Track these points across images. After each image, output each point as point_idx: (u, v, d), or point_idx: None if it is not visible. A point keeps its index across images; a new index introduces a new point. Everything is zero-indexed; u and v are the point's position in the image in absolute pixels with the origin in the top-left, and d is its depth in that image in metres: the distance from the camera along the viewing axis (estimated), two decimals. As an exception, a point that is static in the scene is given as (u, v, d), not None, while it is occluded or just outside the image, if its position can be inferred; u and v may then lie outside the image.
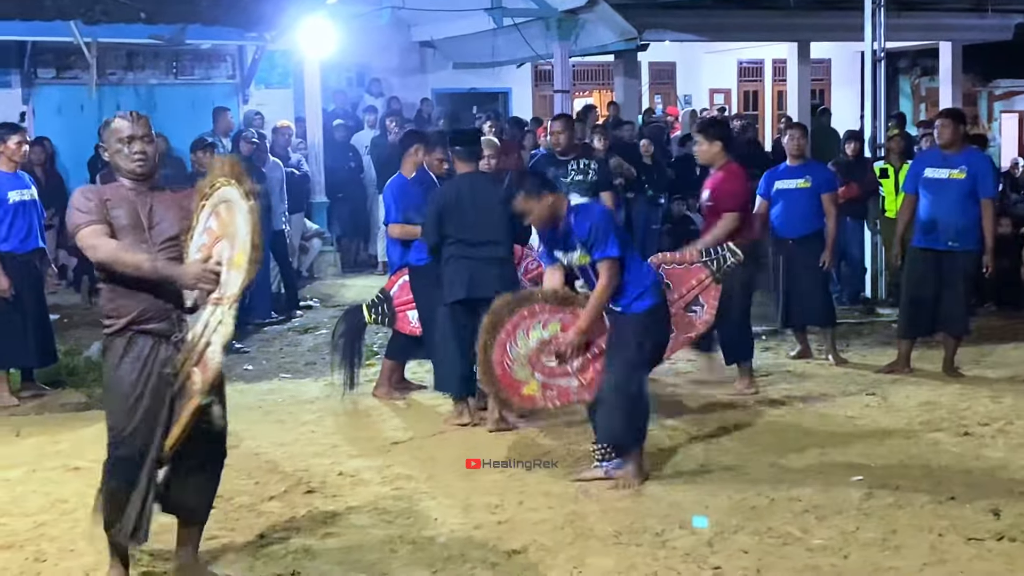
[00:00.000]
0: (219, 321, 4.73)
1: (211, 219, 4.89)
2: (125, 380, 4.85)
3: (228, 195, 4.81)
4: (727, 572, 5.21)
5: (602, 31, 16.21)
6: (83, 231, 4.82)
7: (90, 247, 4.81)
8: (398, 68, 19.36)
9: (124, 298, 4.85)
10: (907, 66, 22.88)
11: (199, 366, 4.76)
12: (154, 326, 4.85)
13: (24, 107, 14.37)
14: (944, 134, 8.83)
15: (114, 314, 4.88)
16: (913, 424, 7.65)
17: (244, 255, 4.68)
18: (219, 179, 4.85)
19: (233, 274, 4.72)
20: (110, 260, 4.79)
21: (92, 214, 4.82)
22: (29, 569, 5.43)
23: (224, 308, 4.72)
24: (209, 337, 4.74)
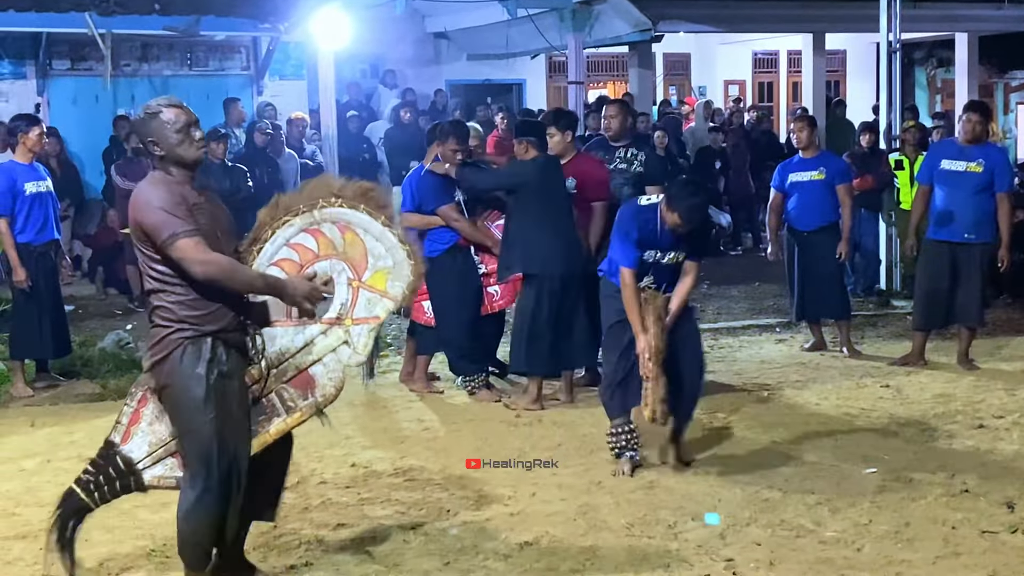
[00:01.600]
0: (341, 341, 4.73)
1: (304, 236, 4.83)
2: (218, 400, 4.53)
3: (348, 217, 4.80)
4: (740, 564, 5.20)
5: (616, 22, 16.18)
6: (183, 242, 4.40)
7: (194, 261, 4.40)
8: (412, 59, 19.34)
9: (209, 307, 4.53)
10: (923, 57, 22.79)
11: (294, 383, 4.74)
12: (233, 336, 4.62)
13: (39, 98, 14.40)
14: (975, 129, 8.75)
15: (194, 322, 4.52)
16: (927, 416, 7.62)
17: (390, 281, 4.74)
18: (330, 199, 4.81)
19: (367, 296, 4.74)
20: (221, 278, 4.47)
21: (188, 221, 4.44)
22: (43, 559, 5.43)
23: (344, 330, 4.72)
24: (320, 356, 4.73)
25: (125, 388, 8.64)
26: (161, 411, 4.70)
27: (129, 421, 4.82)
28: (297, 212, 4.85)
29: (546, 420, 7.65)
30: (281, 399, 4.78)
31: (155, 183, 4.56)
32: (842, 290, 9.74)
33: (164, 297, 4.53)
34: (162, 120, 4.59)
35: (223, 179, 10.51)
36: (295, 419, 4.81)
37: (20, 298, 8.74)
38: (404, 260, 4.83)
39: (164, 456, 4.79)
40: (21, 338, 8.80)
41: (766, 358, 9.41)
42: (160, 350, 4.54)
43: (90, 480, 4.86)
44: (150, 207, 4.46)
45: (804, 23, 17.92)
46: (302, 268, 4.80)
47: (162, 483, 4.83)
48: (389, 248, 4.83)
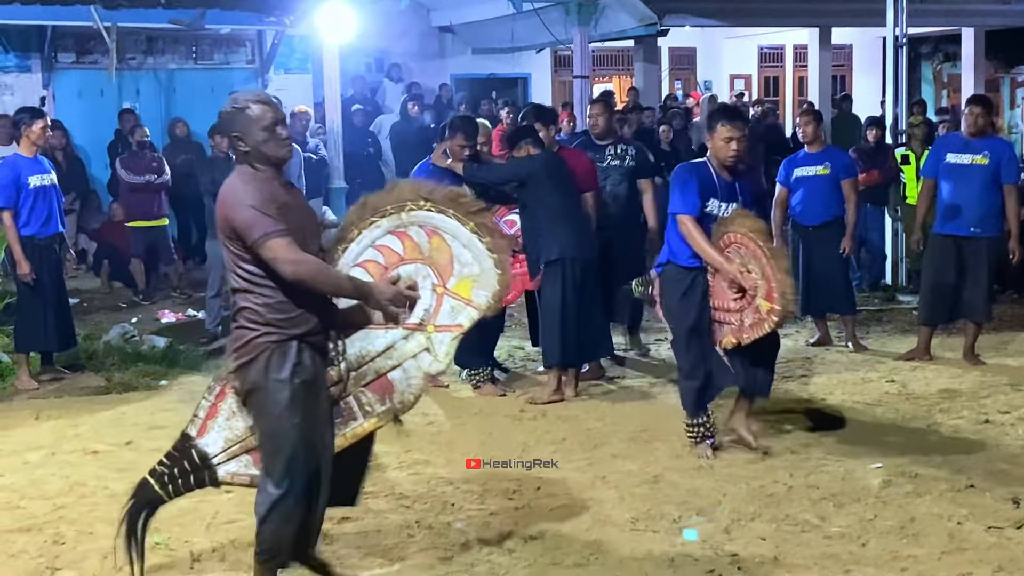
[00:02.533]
0: (422, 348, 4.65)
1: (390, 238, 4.75)
2: (302, 405, 4.42)
3: (436, 222, 4.72)
4: (744, 559, 5.20)
5: (622, 16, 16.15)
6: (275, 242, 4.29)
7: (285, 261, 4.29)
8: (417, 53, 19.33)
9: (295, 309, 4.41)
10: (929, 52, 22.75)
11: (373, 387, 4.67)
12: (317, 339, 4.50)
13: (44, 91, 14.39)
14: (977, 122, 8.74)
15: (281, 324, 4.40)
16: (933, 412, 7.61)
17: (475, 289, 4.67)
18: (418, 201, 4.74)
19: (450, 303, 4.67)
20: (311, 279, 4.35)
21: (279, 221, 4.32)
22: (47, 552, 5.45)
23: (425, 336, 4.64)
24: (400, 361, 4.66)
25: (130, 381, 8.72)
26: (239, 406, 4.62)
27: (206, 415, 4.73)
28: (384, 213, 4.76)
29: (550, 414, 7.64)
30: (359, 403, 4.69)
31: (244, 180, 4.43)
32: (847, 285, 9.72)
33: (251, 298, 4.41)
34: (249, 116, 4.45)
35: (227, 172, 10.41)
36: (371, 424, 4.73)
37: (25, 291, 8.74)
38: (491, 269, 4.73)
39: (240, 452, 4.72)
40: (26, 331, 8.81)
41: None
42: (246, 353, 4.43)
43: (165, 472, 4.80)
44: (241, 205, 4.33)
45: (810, 17, 17.88)
46: (386, 271, 4.71)
47: (236, 480, 4.77)
48: (476, 255, 4.74)
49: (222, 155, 10.59)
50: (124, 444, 7.24)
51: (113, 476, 6.56)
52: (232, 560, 5.29)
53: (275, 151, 4.46)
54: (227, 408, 4.70)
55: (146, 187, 12.44)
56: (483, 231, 4.77)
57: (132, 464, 6.79)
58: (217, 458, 4.74)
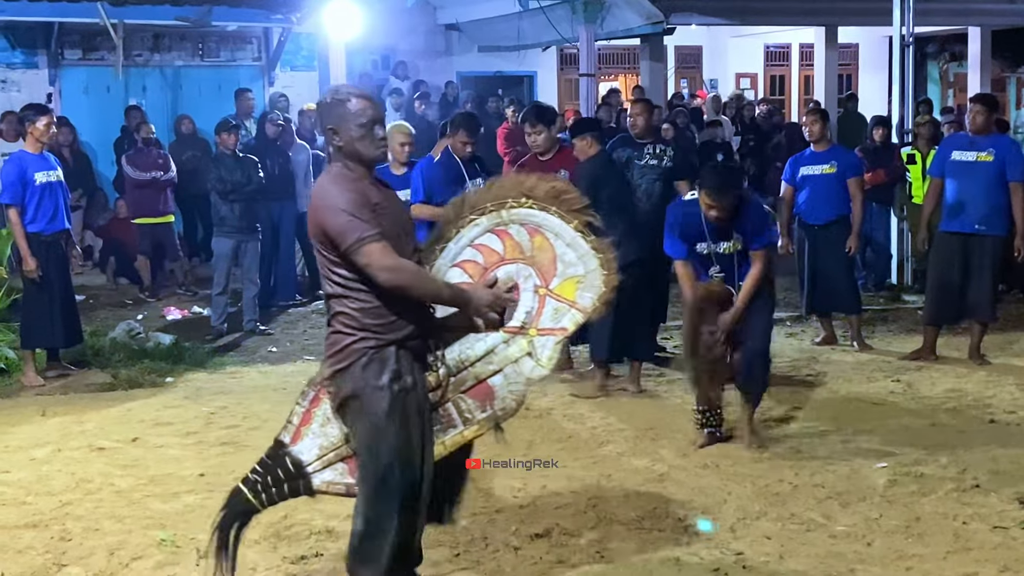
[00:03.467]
0: (524, 352, 4.43)
1: (489, 236, 4.56)
2: (400, 413, 4.25)
3: (538, 220, 4.52)
4: (750, 558, 5.20)
5: (628, 14, 16.14)
6: (369, 248, 4.13)
7: (381, 268, 4.14)
8: (423, 51, 19.33)
9: (393, 314, 4.24)
10: (935, 51, 22.70)
11: (472, 393, 4.47)
12: (416, 344, 4.33)
13: (51, 88, 14.42)
14: (978, 120, 8.76)
15: (378, 330, 4.24)
16: (938, 411, 7.61)
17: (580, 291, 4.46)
18: (520, 198, 4.55)
19: (554, 305, 4.45)
20: (407, 286, 4.21)
21: (373, 224, 4.16)
22: (54, 548, 5.46)
23: (527, 340, 4.43)
24: (501, 366, 4.44)
25: (136, 378, 8.73)
26: (334, 413, 4.46)
27: (300, 421, 4.55)
28: (484, 211, 4.58)
29: (556, 412, 7.65)
30: (458, 409, 4.48)
31: (337, 181, 4.26)
32: (853, 284, 9.72)
33: (346, 303, 4.25)
34: (348, 109, 4.28)
35: (234, 170, 10.50)
36: (471, 432, 4.50)
37: (31, 288, 8.76)
38: (596, 269, 4.49)
39: (335, 460, 4.52)
40: (32, 328, 8.83)
41: (776, 352, 9.35)
42: (342, 359, 4.28)
43: (258, 480, 4.60)
44: (334, 209, 4.17)
45: (816, 16, 17.84)
46: (486, 271, 4.54)
47: (332, 489, 4.57)
48: (581, 255, 4.51)
49: (228, 152, 10.61)
50: (130, 441, 7.26)
51: (119, 472, 6.58)
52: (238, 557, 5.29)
53: (369, 150, 4.29)
54: (321, 414, 4.53)
55: (152, 184, 12.47)
56: (588, 229, 4.55)
57: (138, 460, 6.84)
58: (312, 466, 4.53)
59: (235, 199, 10.47)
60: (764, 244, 6.75)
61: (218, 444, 7.16)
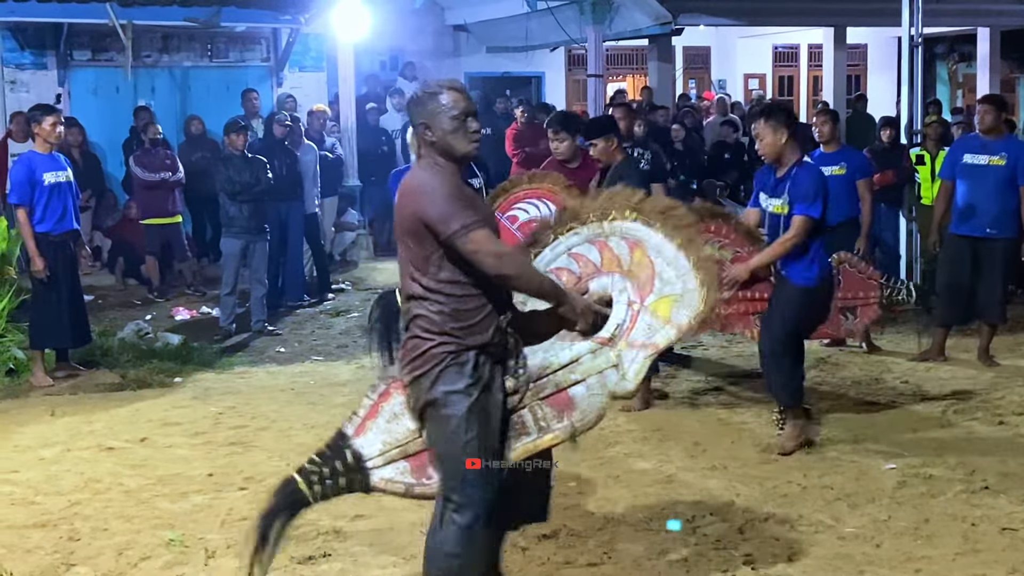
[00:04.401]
0: (610, 364, 4.30)
1: (588, 247, 4.50)
2: (480, 419, 4.17)
3: (640, 235, 4.43)
4: (758, 559, 5.19)
5: (636, 15, 16.14)
6: (477, 234, 4.03)
7: (489, 253, 4.04)
8: (431, 52, 19.35)
9: (473, 318, 4.16)
10: (944, 52, 22.68)
11: (550, 401, 4.34)
12: (496, 349, 4.22)
13: (60, 89, 14.42)
14: (986, 120, 8.75)
15: (458, 334, 4.15)
16: (947, 412, 7.59)
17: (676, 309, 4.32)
18: (624, 211, 4.46)
19: (647, 321, 4.33)
20: (514, 274, 4.11)
21: (474, 212, 4.10)
22: (62, 548, 5.47)
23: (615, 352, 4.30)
24: (584, 376, 4.32)
25: (144, 378, 8.75)
26: (403, 409, 4.37)
27: (366, 414, 4.44)
28: (585, 221, 4.50)
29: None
30: (534, 416, 4.35)
31: (432, 172, 4.16)
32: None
33: (426, 306, 4.15)
34: (439, 102, 4.16)
35: (243, 171, 10.51)
36: (545, 441, 4.36)
37: (39, 288, 8.77)
38: (695, 289, 4.34)
39: (398, 458, 4.41)
40: (41, 328, 8.84)
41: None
42: (421, 364, 4.18)
43: (314, 471, 4.42)
44: (434, 196, 4.06)
45: (825, 17, 17.84)
46: (579, 280, 4.46)
47: (390, 487, 4.45)
48: (681, 274, 4.37)
49: (237, 153, 10.62)
50: (138, 441, 7.27)
51: (127, 472, 6.59)
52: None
53: (462, 144, 4.17)
54: (389, 409, 4.43)
55: (161, 184, 12.49)
56: (691, 248, 4.40)
57: (146, 460, 6.85)
58: (372, 461, 4.42)
59: (244, 200, 10.48)
60: (803, 213, 6.54)
61: (226, 444, 7.17)
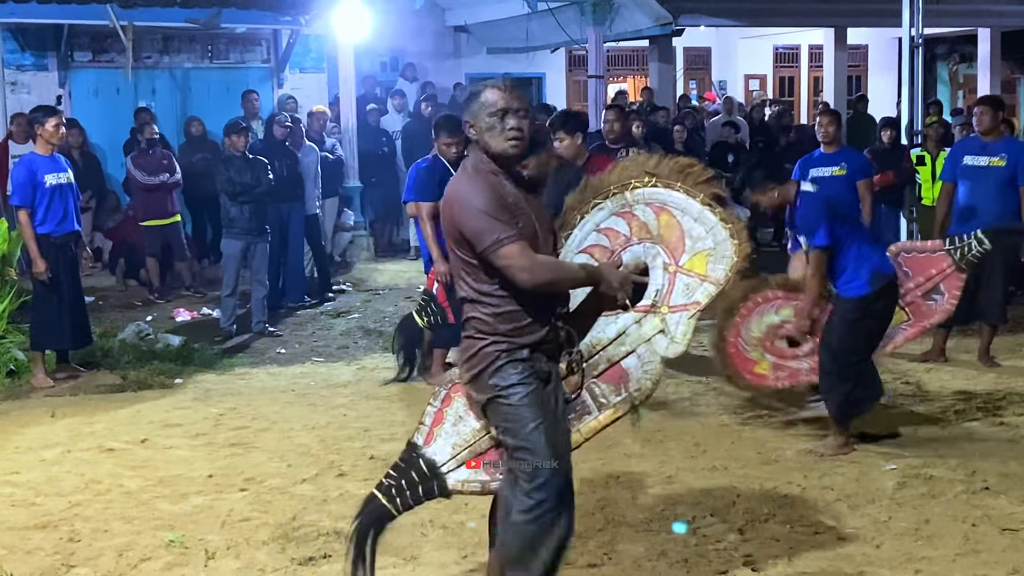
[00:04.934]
0: (657, 330, 4.37)
1: (615, 219, 4.53)
2: (542, 407, 4.19)
3: (663, 198, 4.47)
4: (758, 560, 5.19)
5: (637, 16, 16.15)
6: (507, 249, 4.04)
7: (520, 269, 4.05)
8: (432, 53, 19.36)
9: (526, 318, 4.18)
10: (945, 52, 22.69)
11: (605, 377, 4.40)
12: (548, 348, 4.26)
13: (60, 90, 14.43)
14: (984, 121, 8.77)
15: (511, 334, 4.18)
16: (948, 413, 7.59)
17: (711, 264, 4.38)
18: (643, 178, 4.50)
19: (685, 281, 4.39)
20: (546, 284, 4.12)
21: (511, 225, 4.07)
22: (63, 549, 5.47)
23: (660, 318, 4.36)
24: (633, 347, 4.38)
25: (145, 379, 8.74)
26: (466, 410, 4.42)
27: (432, 422, 4.49)
28: (607, 194, 4.55)
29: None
30: (592, 395, 4.42)
31: (473, 179, 4.16)
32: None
33: (480, 308, 4.20)
34: (480, 100, 4.17)
35: (244, 172, 10.52)
36: (607, 417, 4.43)
37: (40, 289, 8.77)
38: (726, 240, 4.42)
39: (469, 458, 4.47)
40: (42, 329, 8.84)
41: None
42: (476, 363, 4.24)
43: (392, 484, 4.51)
44: (471, 210, 4.07)
45: (826, 17, 17.86)
46: (612, 254, 4.50)
47: (467, 488, 4.51)
48: (710, 228, 4.44)
49: (237, 154, 10.62)
50: (139, 442, 7.27)
51: (128, 474, 6.59)
52: (246, 558, 5.31)
53: (497, 142, 4.16)
54: (453, 413, 4.48)
55: (160, 187, 12.50)
56: (715, 201, 4.47)
57: (147, 461, 6.85)
58: (446, 466, 4.48)
59: (244, 201, 10.48)
60: (812, 246, 6.58)
61: (227, 445, 7.17)
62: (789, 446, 6.87)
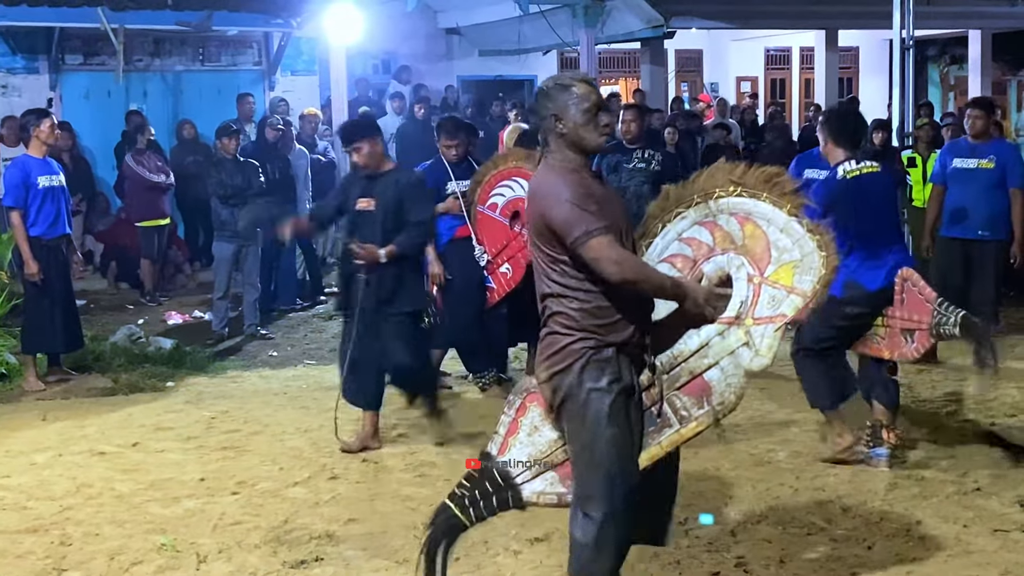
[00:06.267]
0: (741, 343, 4.29)
1: (698, 229, 4.47)
2: (619, 420, 4.10)
3: (748, 208, 4.41)
4: (750, 562, 5.20)
5: (628, 18, 16.16)
6: (597, 241, 3.98)
7: (609, 261, 3.99)
8: (424, 55, 19.36)
9: (613, 315, 4.09)
10: (936, 54, 22.73)
11: (687, 389, 4.30)
12: (634, 350, 4.17)
13: (51, 93, 14.43)
14: (977, 125, 8.78)
15: (598, 331, 4.09)
16: (939, 415, 7.61)
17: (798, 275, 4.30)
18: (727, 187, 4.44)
19: (770, 293, 4.31)
20: (635, 279, 4.05)
21: (600, 217, 4.02)
22: (54, 553, 5.46)
23: (744, 330, 4.28)
24: (716, 359, 4.29)
25: (136, 383, 8.73)
26: (541, 420, 4.35)
27: (507, 432, 4.41)
28: (690, 203, 4.49)
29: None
30: (673, 408, 4.31)
31: (559, 172, 4.12)
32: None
33: (566, 303, 4.10)
34: (573, 94, 4.13)
35: (235, 175, 10.51)
36: (690, 430, 4.31)
37: (32, 292, 8.76)
38: (813, 251, 4.34)
39: (544, 470, 4.39)
40: (33, 332, 8.83)
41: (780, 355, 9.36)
42: (560, 361, 4.13)
43: (465, 495, 4.45)
44: (558, 201, 4.02)
45: (817, 19, 17.89)
46: (695, 264, 4.44)
47: (542, 499, 4.43)
48: (796, 240, 4.37)
49: (229, 157, 10.61)
50: (131, 445, 7.26)
51: (120, 477, 6.58)
52: (238, 562, 5.30)
53: (593, 137, 4.14)
54: (528, 423, 4.40)
55: (158, 186, 12.49)
56: (802, 213, 4.41)
57: (138, 465, 6.84)
58: (521, 476, 4.42)
59: (236, 203, 10.47)
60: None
61: (219, 448, 7.16)
62: (782, 447, 6.87)
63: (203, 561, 5.33)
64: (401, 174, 7.10)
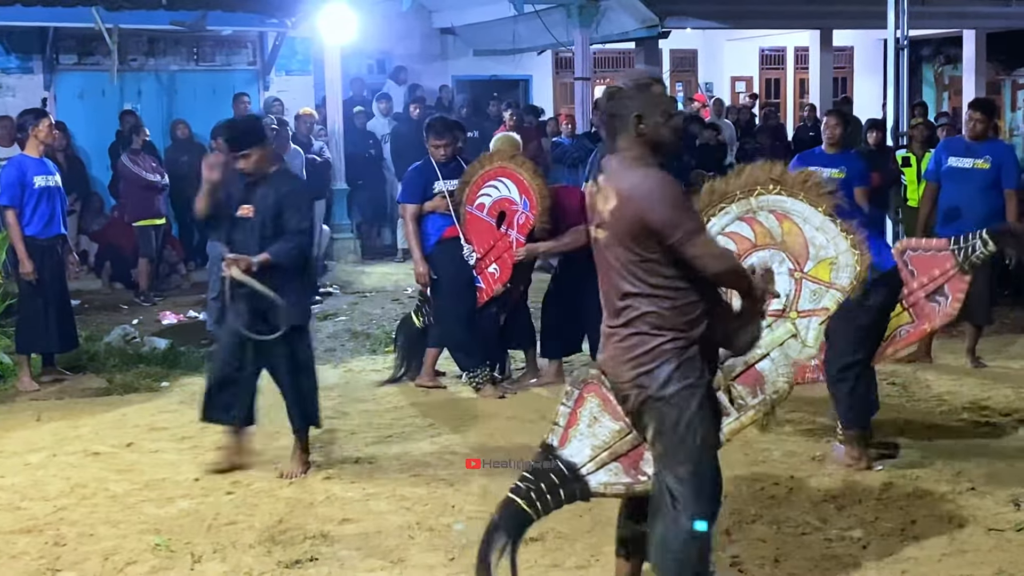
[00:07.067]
0: (789, 334, 4.57)
1: (739, 224, 4.66)
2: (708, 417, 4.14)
3: (786, 206, 4.62)
4: (745, 561, 5.20)
5: (623, 18, 16.15)
6: (701, 239, 4.02)
7: (711, 256, 4.03)
8: (419, 55, 19.36)
9: (694, 311, 4.10)
10: (930, 54, 22.74)
11: (742, 379, 4.48)
12: (707, 343, 4.19)
13: (46, 93, 14.40)
14: (978, 128, 8.77)
15: (685, 328, 4.08)
16: (934, 414, 7.61)
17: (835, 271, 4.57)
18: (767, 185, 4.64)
19: (810, 287, 4.58)
20: (733, 272, 4.12)
21: (694, 216, 4.09)
22: (48, 553, 5.45)
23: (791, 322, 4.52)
24: (767, 350, 4.48)
25: (131, 383, 8.71)
26: (600, 411, 4.38)
27: (566, 423, 4.44)
28: (732, 199, 4.69)
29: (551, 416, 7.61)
30: (730, 397, 4.49)
31: (652, 173, 4.08)
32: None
33: (656, 303, 4.06)
34: (653, 94, 4.15)
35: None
36: (747, 419, 4.49)
37: (26, 292, 8.75)
38: (848, 250, 4.65)
39: (608, 460, 4.41)
40: (27, 332, 8.82)
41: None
42: (649, 360, 4.08)
43: (530, 488, 4.43)
44: (661, 201, 3.99)
45: (811, 19, 17.88)
46: (739, 258, 4.55)
47: (609, 490, 4.45)
48: (831, 238, 4.65)
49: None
50: (125, 446, 7.25)
51: (114, 478, 6.57)
52: (233, 562, 5.30)
53: (672, 137, 4.18)
54: (587, 414, 4.43)
55: (153, 186, 12.48)
56: (836, 213, 4.65)
57: (133, 465, 6.83)
58: (586, 467, 4.43)
59: (230, 203, 10.44)
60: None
61: (213, 449, 7.13)
62: (776, 447, 6.87)
63: (198, 561, 5.32)
64: (282, 180, 6.67)
